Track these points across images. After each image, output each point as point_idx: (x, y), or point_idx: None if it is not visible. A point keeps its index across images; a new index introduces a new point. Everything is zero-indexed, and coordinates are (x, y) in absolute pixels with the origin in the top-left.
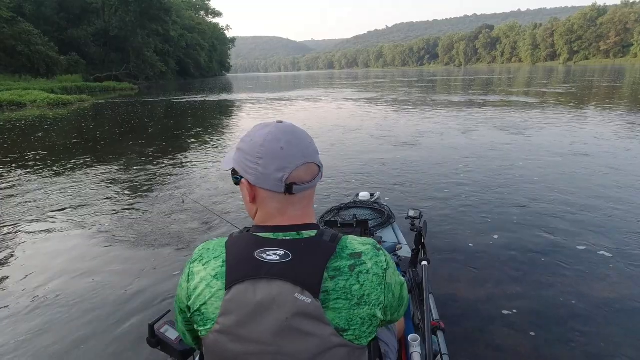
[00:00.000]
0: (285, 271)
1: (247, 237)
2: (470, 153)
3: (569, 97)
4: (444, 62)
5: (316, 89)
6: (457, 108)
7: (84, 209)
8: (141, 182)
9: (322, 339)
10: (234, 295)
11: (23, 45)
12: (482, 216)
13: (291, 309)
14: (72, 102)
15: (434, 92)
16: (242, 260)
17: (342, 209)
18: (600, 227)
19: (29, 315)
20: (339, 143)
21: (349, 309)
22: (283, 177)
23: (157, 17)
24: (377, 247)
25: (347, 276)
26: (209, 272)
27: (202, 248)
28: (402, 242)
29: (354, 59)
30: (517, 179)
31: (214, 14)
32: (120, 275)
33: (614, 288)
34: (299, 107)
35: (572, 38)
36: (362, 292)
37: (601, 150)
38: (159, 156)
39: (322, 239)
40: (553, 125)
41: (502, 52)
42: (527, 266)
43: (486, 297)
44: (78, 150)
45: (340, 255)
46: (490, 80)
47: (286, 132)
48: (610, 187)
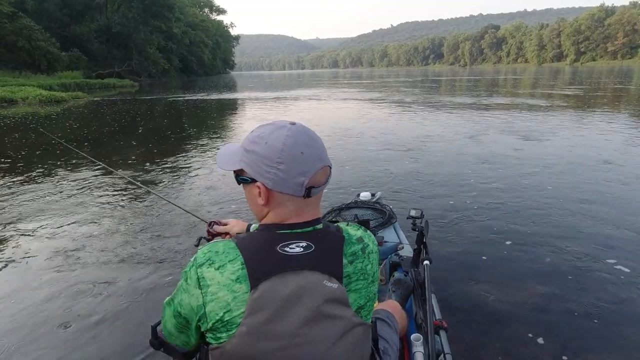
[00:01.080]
0: (311, 261)
1: (262, 235)
2: (477, 158)
3: (579, 99)
4: (449, 61)
5: (319, 88)
6: (464, 111)
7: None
8: (110, 192)
9: (346, 321)
10: (262, 292)
11: (24, 41)
12: (486, 217)
13: (322, 295)
14: (65, 99)
15: (440, 92)
16: (264, 256)
17: (343, 209)
18: (620, 239)
19: (18, 322)
20: (340, 145)
21: (367, 287)
22: (304, 182)
23: (160, 13)
24: (365, 229)
25: (362, 258)
26: (228, 277)
27: (209, 251)
28: (404, 241)
29: (359, 58)
30: (527, 184)
31: (218, 11)
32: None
33: (621, 295)
34: (302, 107)
35: (579, 39)
36: (373, 270)
37: (623, 157)
38: (141, 160)
39: (330, 229)
40: (566, 129)
41: (508, 53)
42: (532, 269)
43: (489, 297)
44: (52, 152)
45: (350, 241)
46: (495, 80)
47: (303, 134)
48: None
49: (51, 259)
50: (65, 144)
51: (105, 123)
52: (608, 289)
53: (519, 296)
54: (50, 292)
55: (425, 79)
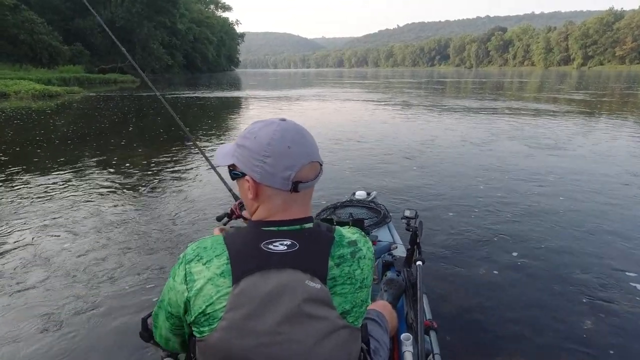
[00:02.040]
0: (294, 259)
1: (249, 231)
2: (479, 162)
3: (591, 104)
4: (455, 63)
5: (323, 87)
6: (470, 115)
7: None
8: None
9: (330, 322)
10: (243, 288)
11: (26, 34)
12: (481, 220)
13: (302, 294)
14: (60, 94)
15: (446, 94)
16: (248, 253)
17: (338, 207)
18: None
19: (16, 315)
20: (341, 149)
21: (353, 293)
22: (290, 176)
23: (164, 8)
24: (363, 235)
25: (350, 262)
26: (214, 271)
27: (197, 247)
28: (398, 241)
29: (364, 58)
30: (528, 191)
31: (223, 8)
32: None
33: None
34: (306, 107)
35: (587, 42)
36: (363, 276)
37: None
38: (120, 163)
39: (320, 229)
40: (578, 135)
41: (515, 55)
42: (527, 274)
43: (480, 298)
44: (28, 151)
45: (340, 244)
46: (501, 83)
47: (292, 130)
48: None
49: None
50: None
51: (94, 120)
52: (608, 296)
53: (511, 299)
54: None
55: (430, 80)
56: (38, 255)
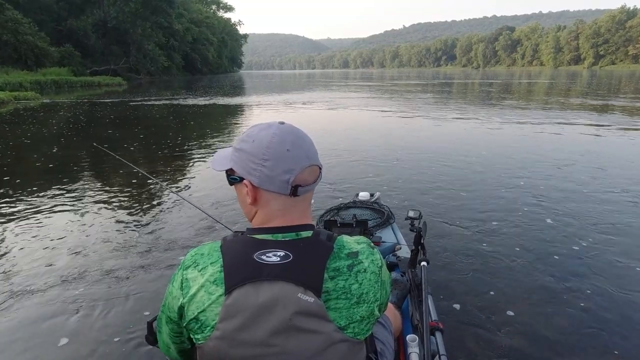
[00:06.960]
0: (287, 272)
1: (243, 239)
2: (490, 166)
3: (608, 108)
4: (462, 63)
5: (330, 91)
6: (481, 119)
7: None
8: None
9: (326, 336)
10: (235, 299)
11: (9, 35)
12: (487, 220)
13: (294, 308)
14: (4, 100)
15: (457, 98)
16: (241, 263)
17: (341, 208)
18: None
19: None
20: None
21: (349, 308)
22: (289, 180)
23: (159, 8)
24: (370, 245)
25: (346, 276)
26: (207, 279)
27: (195, 254)
28: (402, 242)
29: (369, 59)
30: (533, 188)
31: (225, 8)
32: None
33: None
34: (311, 113)
35: (599, 41)
36: (361, 290)
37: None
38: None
39: (319, 238)
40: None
41: (523, 55)
42: (529, 270)
43: (485, 298)
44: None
45: (338, 255)
46: (509, 85)
47: (291, 133)
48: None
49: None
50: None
51: (21, 136)
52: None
53: (518, 300)
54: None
55: (437, 82)
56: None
